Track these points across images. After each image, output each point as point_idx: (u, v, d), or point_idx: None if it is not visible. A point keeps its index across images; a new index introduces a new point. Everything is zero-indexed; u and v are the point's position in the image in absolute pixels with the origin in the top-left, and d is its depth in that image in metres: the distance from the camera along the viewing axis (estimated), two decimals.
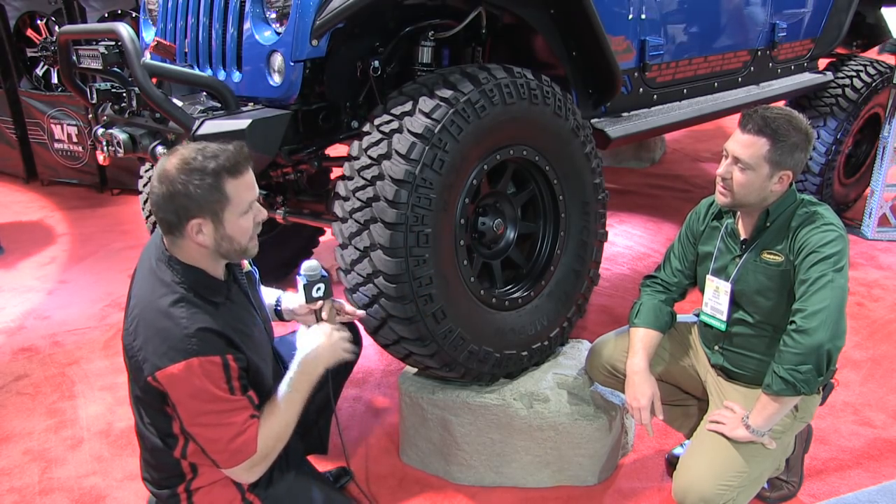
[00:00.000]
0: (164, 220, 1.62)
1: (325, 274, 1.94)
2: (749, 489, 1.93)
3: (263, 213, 1.73)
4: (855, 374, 3.05)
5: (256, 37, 2.28)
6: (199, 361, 1.57)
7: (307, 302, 1.92)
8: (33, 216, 5.28)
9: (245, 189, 1.64)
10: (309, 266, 1.92)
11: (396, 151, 2.02)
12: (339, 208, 2.14)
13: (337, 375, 2.07)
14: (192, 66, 2.51)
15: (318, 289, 1.92)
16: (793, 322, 1.82)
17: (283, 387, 1.77)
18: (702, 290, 2.16)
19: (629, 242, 4.48)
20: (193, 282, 1.64)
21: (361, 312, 2.10)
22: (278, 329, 2.07)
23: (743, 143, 1.89)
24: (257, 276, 1.96)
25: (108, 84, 2.44)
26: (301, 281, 1.92)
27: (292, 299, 2.05)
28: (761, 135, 1.87)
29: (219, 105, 2.30)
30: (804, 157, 1.91)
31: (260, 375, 1.74)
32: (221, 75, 2.43)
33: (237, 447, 1.63)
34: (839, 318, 1.79)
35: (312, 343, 1.82)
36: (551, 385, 2.41)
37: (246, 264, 1.90)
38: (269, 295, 2.08)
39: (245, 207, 1.65)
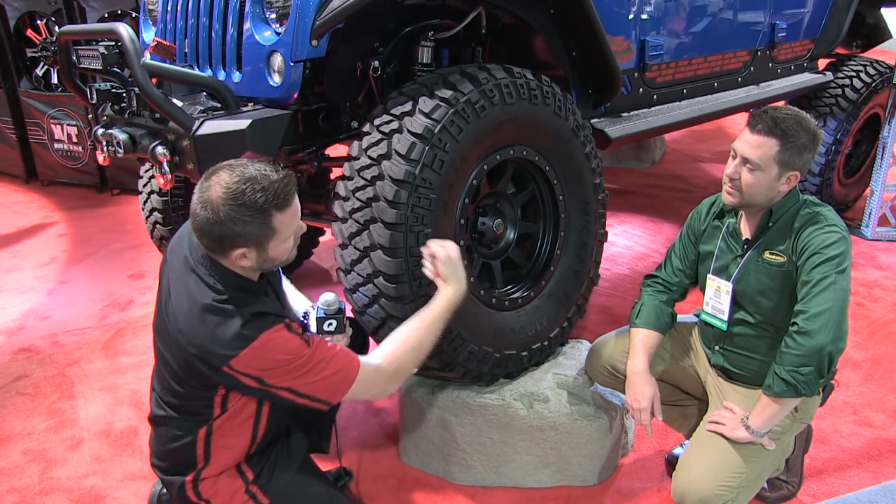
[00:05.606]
0: (207, 244, 1.63)
1: (342, 308, 1.96)
2: (748, 489, 1.93)
3: (303, 227, 1.73)
4: (855, 374, 3.05)
5: (256, 37, 2.28)
6: (266, 337, 1.58)
7: (318, 333, 1.94)
8: (33, 216, 5.27)
9: (291, 218, 1.64)
10: (326, 300, 1.95)
11: (396, 151, 2.02)
12: (338, 208, 2.14)
13: None
14: (192, 67, 2.51)
15: (330, 324, 1.94)
16: (795, 323, 1.82)
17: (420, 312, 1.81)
18: (703, 290, 2.16)
19: (629, 242, 4.48)
20: (235, 285, 1.66)
21: None
22: None
23: (752, 144, 1.89)
24: (281, 275, 1.97)
25: (108, 84, 2.44)
26: (315, 312, 1.94)
27: (313, 318, 2.06)
28: (771, 135, 1.86)
29: (219, 105, 2.30)
30: (811, 157, 1.91)
31: None
32: (221, 75, 2.43)
33: (342, 373, 1.66)
34: (841, 321, 1.79)
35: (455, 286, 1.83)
36: (551, 385, 2.41)
37: None
38: (300, 303, 2.09)
39: (289, 234, 1.66)
